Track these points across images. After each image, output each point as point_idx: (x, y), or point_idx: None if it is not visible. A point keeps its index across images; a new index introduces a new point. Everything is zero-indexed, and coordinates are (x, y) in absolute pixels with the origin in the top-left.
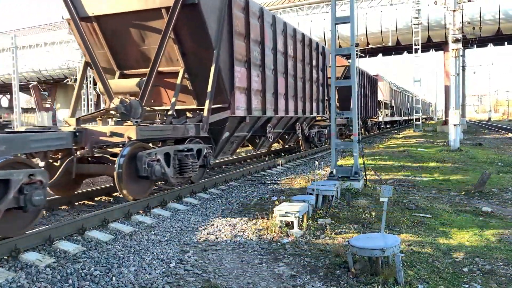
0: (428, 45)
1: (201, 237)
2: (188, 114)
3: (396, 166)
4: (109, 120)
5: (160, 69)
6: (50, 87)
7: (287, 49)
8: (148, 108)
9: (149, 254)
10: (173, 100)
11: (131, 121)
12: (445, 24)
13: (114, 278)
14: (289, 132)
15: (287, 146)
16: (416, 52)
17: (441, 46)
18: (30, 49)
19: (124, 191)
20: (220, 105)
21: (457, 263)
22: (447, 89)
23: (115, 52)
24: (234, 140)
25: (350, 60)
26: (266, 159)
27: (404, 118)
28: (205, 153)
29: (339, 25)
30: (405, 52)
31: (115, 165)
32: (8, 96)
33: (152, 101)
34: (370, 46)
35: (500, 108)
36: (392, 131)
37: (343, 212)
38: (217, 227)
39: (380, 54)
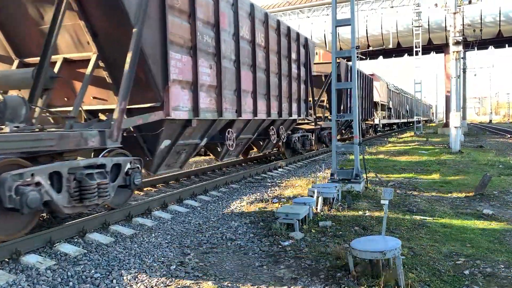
0: (429, 47)
1: (201, 240)
2: (102, 116)
3: (397, 168)
4: None
5: (68, 56)
6: None
7: (255, 37)
8: (54, 109)
9: (149, 257)
10: (79, 96)
11: (7, 126)
12: (445, 27)
13: (114, 281)
14: (264, 137)
15: (267, 152)
16: (416, 54)
17: (442, 48)
18: None
19: None
20: (150, 104)
21: (458, 266)
22: (448, 92)
23: (10, 34)
24: (181, 150)
25: (349, 62)
26: (267, 161)
27: (403, 120)
28: (128, 169)
29: (340, 27)
30: (406, 54)
31: None
32: None
33: (66, 99)
34: (370, 48)
35: (501, 111)
36: (391, 134)
37: (344, 215)
38: (218, 229)
39: (381, 57)
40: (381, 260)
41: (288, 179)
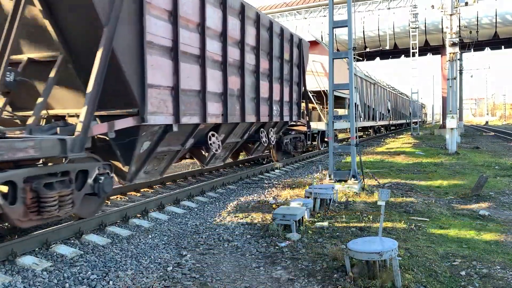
0: (426, 48)
1: (198, 241)
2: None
3: (394, 169)
4: None
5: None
6: None
7: None
8: None
9: (146, 258)
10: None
11: None
12: (442, 28)
13: (111, 282)
14: None
15: None
16: (413, 55)
17: (439, 49)
18: None
19: None
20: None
21: (455, 267)
22: (444, 93)
23: None
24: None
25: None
26: (264, 162)
27: (381, 123)
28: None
29: (337, 28)
30: (403, 55)
31: None
32: None
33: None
34: (367, 49)
35: (497, 112)
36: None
37: (341, 216)
38: (214, 230)
39: (378, 58)
40: (377, 261)
41: (285, 180)
